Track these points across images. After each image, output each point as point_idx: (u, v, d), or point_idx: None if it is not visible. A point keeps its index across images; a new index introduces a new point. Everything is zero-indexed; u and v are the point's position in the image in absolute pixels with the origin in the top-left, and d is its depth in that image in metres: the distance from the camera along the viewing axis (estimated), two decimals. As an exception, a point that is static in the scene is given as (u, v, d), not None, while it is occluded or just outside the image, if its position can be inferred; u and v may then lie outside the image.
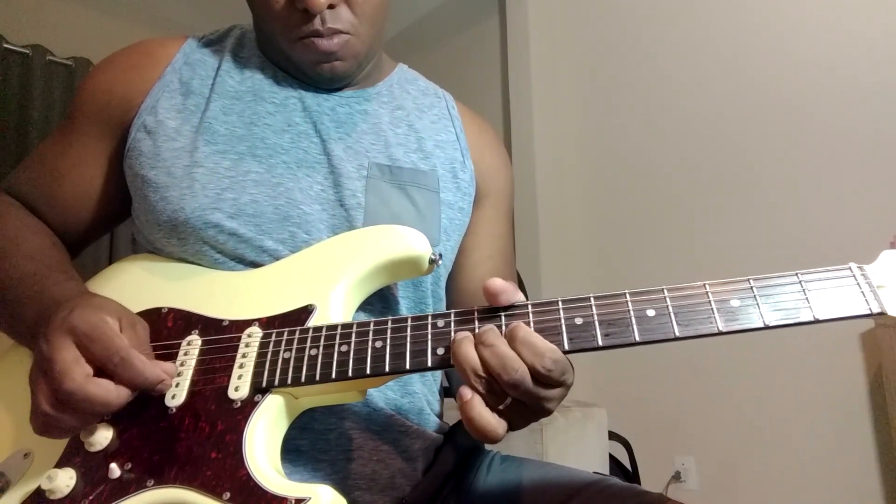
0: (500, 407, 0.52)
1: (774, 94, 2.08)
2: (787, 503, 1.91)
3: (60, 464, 0.57)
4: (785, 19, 2.08)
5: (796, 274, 0.54)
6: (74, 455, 0.57)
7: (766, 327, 0.52)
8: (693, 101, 2.29)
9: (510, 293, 0.56)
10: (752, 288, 0.54)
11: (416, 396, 0.75)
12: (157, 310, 0.66)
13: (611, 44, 2.60)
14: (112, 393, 0.55)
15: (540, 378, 0.52)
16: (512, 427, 0.54)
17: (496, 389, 0.52)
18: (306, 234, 0.70)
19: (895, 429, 1.62)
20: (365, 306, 0.69)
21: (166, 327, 0.64)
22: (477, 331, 0.55)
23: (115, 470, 0.55)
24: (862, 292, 0.53)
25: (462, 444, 0.81)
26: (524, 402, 0.53)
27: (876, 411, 1.78)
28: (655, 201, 2.36)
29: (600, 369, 2.40)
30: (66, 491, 0.55)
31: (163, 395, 0.58)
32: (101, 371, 0.55)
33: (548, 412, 0.54)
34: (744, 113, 2.15)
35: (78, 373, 0.53)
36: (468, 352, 0.53)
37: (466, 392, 0.52)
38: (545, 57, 2.76)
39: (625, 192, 2.47)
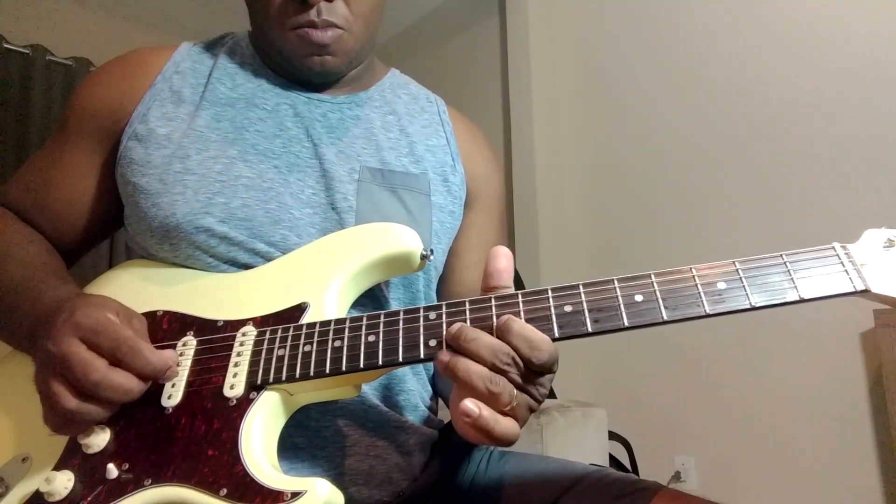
0: (509, 406, 0.50)
1: (772, 92, 2.08)
2: (786, 503, 1.91)
3: (58, 467, 0.57)
4: (781, 17, 2.08)
5: (781, 255, 0.54)
6: (72, 458, 0.58)
7: (753, 308, 0.52)
8: (692, 101, 2.29)
9: (505, 273, 0.57)
10: (737, 270, 0.54)
11: (411, 393, 0.76)
12: (153, 313, 0.66)
13: (610, 43, 2.60)
14: (132, 380, 0.56)
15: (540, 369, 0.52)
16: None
17: (513, 377, 0.51)
18: (297, 237, 0.71)
19: (895, 428, 1.62)
20: (357, 307, 0.69)
21: (162, 329, 0.64)
22: (469, 322, 0.54)
23: (112, 470, 0.55)
24: (846, 270, 0.53)
25: (458, 439, 0.81)
26: (529, 393, 0.52)
27: (876, 411, 1.78)
28: (655, 200, 2.36)
29: (600, 369, 2.40)
30: (65, 493, 0.55)
31: (159, 397, 0.59)
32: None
33: (541, 402, 0.55)
34: (742, 111, 2.15)
35: (99, 364, 0.55)
36: (486, 338, 0.51)
37: (473, 408, 0.49)
38: (545, 57, 2.76)
39: (624, 191, 2.47)
